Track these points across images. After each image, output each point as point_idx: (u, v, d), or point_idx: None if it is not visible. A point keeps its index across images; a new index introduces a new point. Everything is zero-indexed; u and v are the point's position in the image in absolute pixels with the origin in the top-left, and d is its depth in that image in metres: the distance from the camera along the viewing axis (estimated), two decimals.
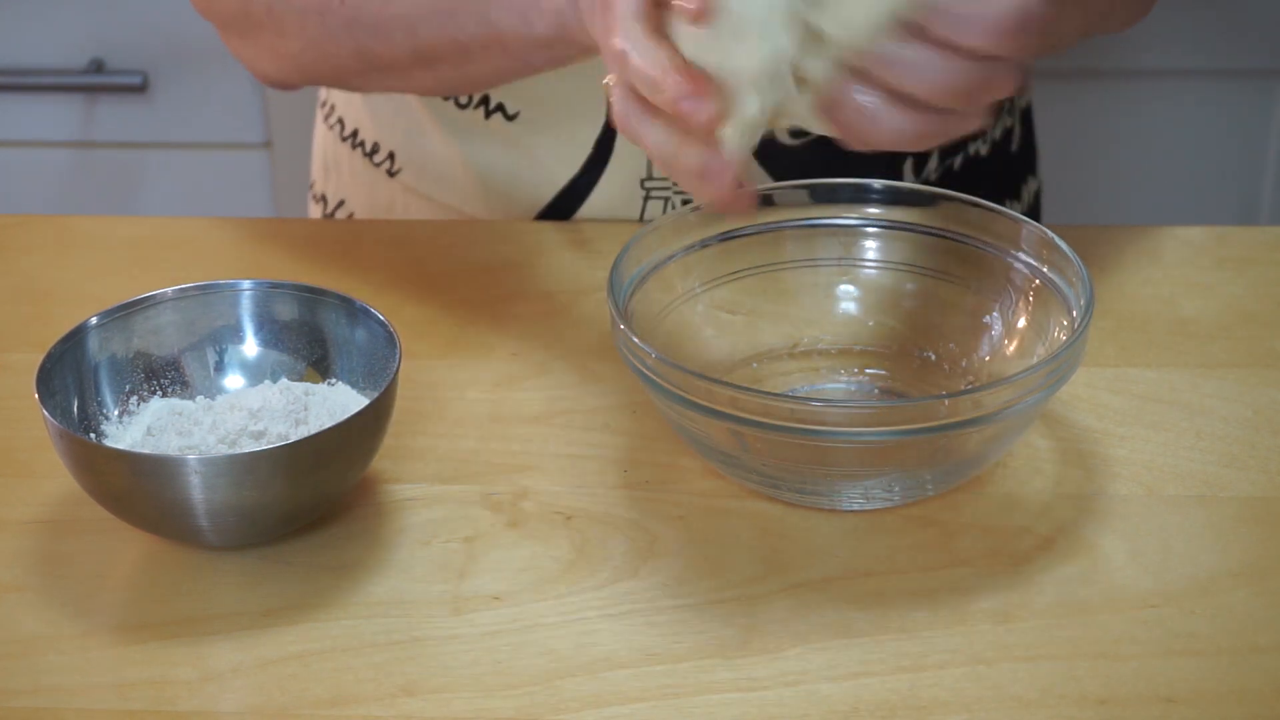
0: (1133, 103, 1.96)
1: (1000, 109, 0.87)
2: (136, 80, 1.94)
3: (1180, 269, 1.10)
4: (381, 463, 0.95)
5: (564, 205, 1.15)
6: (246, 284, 0.97)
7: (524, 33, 0.96)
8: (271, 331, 0.96)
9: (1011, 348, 0.96)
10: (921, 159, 1.17)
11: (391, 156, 1.20)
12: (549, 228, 1.14)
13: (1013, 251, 0.97)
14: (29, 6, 1.93)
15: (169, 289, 0.96)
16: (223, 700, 0.83)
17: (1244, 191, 2.00)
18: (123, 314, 0.94)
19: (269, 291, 0.96)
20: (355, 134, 1.22)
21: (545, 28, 0.94)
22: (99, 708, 0.82)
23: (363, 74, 1.04)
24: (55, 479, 0.94)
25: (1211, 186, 2.00)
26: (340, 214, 1.26)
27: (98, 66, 1.95)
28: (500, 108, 1.13)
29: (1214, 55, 1.91)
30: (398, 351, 0.91)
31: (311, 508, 0.89)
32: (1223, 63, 1.91)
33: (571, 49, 0.95)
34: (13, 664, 0.84)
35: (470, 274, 1.10)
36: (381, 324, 0.93)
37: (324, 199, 1.28)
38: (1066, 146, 1.96)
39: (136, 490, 0.86)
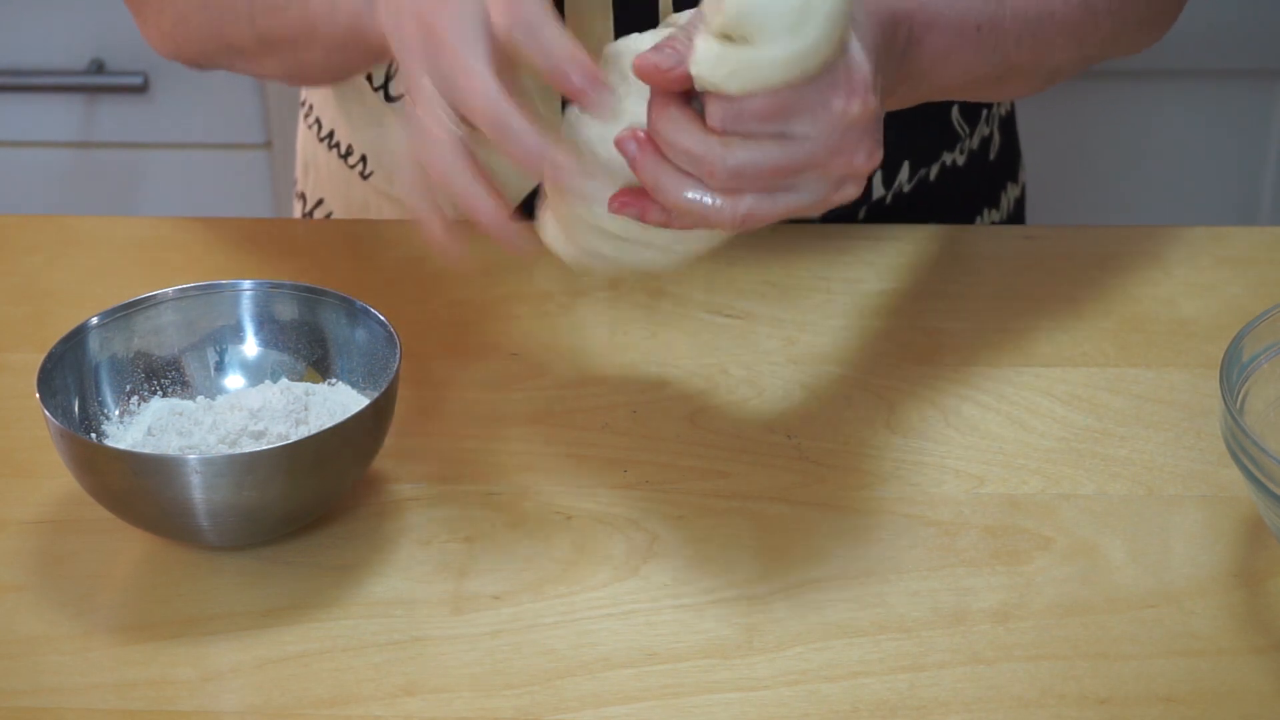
0: (1133, 103, 1.96)
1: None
2: (137, 80, 1.94)
3: (1180, 269, 1.10)
4: (381, 463, 0.95)
5: (525, 215, 1.15)
6: (247, 284, 0.97)
7: (328, 29, 0.95)
8: (271, 331, 0.96)
9: None
10: (891, 170, 1.16)
11: (364, 160, 1.20)
12: None
13: None
14: (29, 6, 1.93)
15: (169, 289, 0.96)
16: (223, 700, 0.83)
17: (1244, 191, 2.00)
18: (123, 314, 0.94)
19: (269, 291, 0.96)
20: (331, 135, 1.23)
21: (344, 22, 0.93)
22: (99, 708, 0.82)
23: (223, 54, 1.05)
24: (56, 479, 0.94)
25: (1211, 186, 2.00)
26: (319, 213, 1.26)
27: (98, 66, 1.95)
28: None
29: (1214, 55, 1.91)
30: (398, 351, 0.91)
31: (311, 508, 0.89)
32: (1223, 63, 1.91)
33: (365, 52, 0.94)
34: (13, 664, 0.84)
35: (470, 274, 1.10)
36: (381, 324, 0.93)
37: (304, 197, 1.28)
38: (1067, 147, 1.96)
39: (137, 490, 0.86)
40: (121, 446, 0.91)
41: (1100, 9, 1.00)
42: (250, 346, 0.96)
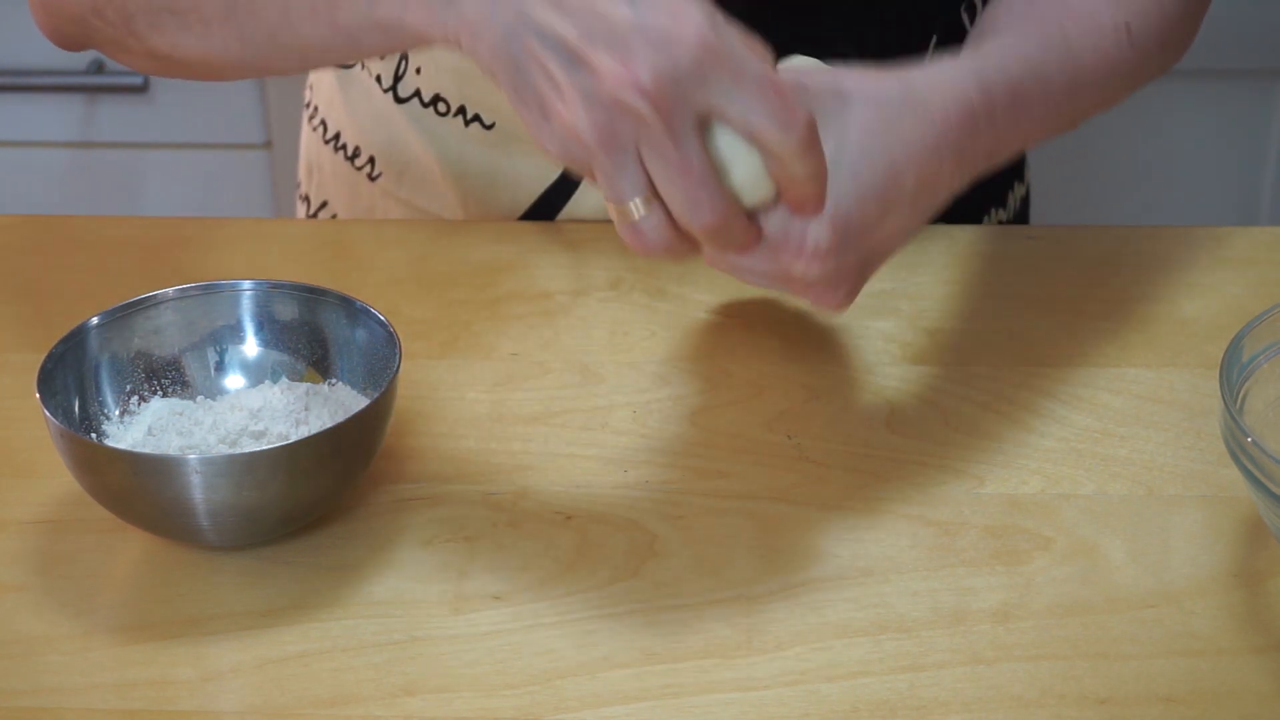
0: (1132, 103, 1.96)
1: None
2: (137, 80, 1.95)
3: (1180, 269, 1.10)
4: (381, 463, 0.95)
5: (539, 215, 1.15)
6: (247, 284, 0.97)
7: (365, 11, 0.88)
8: (272, 331, 0.96)
9: None
10: None
11: (372, 161, 1.20)
12: (549, 228, 1.14)
13: None
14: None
15: (169, 289, 0.96)
16: (223, 700, 0.83)
17: (1244, 191, 2.00)
18: (123, 314, 0.94)
19: (269, 291, 0.96)
20: (338, 137, 1.23)
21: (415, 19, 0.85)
22: (99, 708, 0.82)
23: (153, 14, 0.96)
24: (56, 479, 0.94)
25: (1211, 186, 2.01)
26: (323, 215, 1.26)
27: (98, 66, 1.96)
28: (477, 118, 1.13)
29: (1214, 55, 1.91)
30: (398, 351, 0.91)
31: (311, 508, 0.89)
32: (1223, 63, 1.91)
33: (416, 42, 0.88)
34: (13, 664, 0.84)
35: (470, 274, 1.10)
36: (381, 324, 0.93)
37: (308, 200, 1.28)
38: (1066, 147, 1.96)
39: (137, 490, 0.86)
40: (121, 446, 0.91)
41: (1151, 47, 1.01)
42: (250, 346, 0.96)
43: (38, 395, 0.89)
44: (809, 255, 0.85)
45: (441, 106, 1.14)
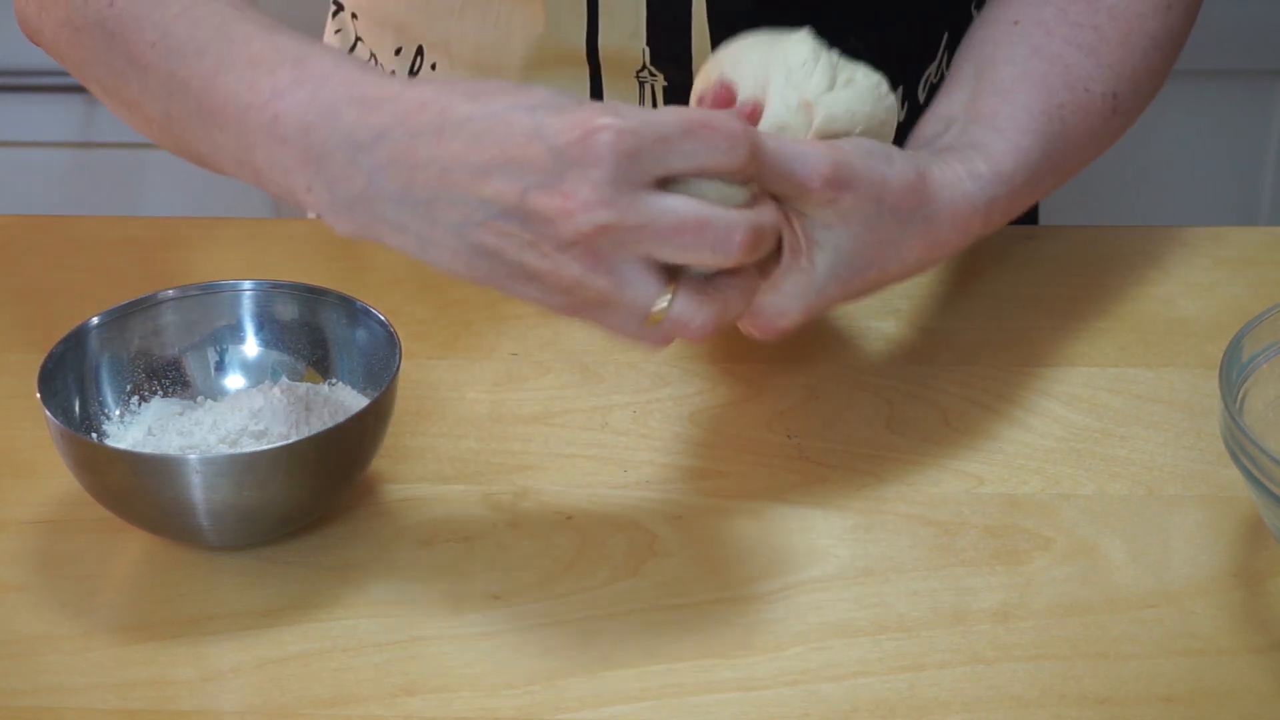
0: None
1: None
2: None
3: (1180, 269, 1.10)
4: (381, 463, 0.95)
5: None
6: (247, 284, 0.97)
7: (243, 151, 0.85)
8: (272, 331, 0.96)
9: None
10: None
11: None
12: None
13: None
14: None
15: (170, 289, 0.96)
16: (223, 700, 0.83)
17: (1244, 191, 2.00)
18: (124, 314, 0.94)
19: (269, 291, 0.96)
20: None
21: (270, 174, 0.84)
22: (99, 708, 0.82)
23: (102, 88, 0.96)
24: (56, 479, 0.94)
25: (1211, 186, 2.00)
26: None
27: None
28: None
29: (1214, 55, 1.91)
30: (398, 351, 0.91)
31: (311, 508, 0.89)
32: (1223, 63, 1.91)
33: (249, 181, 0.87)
34: (13, 664, 0.84)
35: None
36: (381, 324, 0.93)
37: None
38: None
39: (137, 490, 0.86)
40: (122, 446, 0.91)
41: (1133, 110, 1.04)
42: (250, 346, 0.96)
43: (38, 395, 0.89)
44: (776, 331, 0.88)
45: None
